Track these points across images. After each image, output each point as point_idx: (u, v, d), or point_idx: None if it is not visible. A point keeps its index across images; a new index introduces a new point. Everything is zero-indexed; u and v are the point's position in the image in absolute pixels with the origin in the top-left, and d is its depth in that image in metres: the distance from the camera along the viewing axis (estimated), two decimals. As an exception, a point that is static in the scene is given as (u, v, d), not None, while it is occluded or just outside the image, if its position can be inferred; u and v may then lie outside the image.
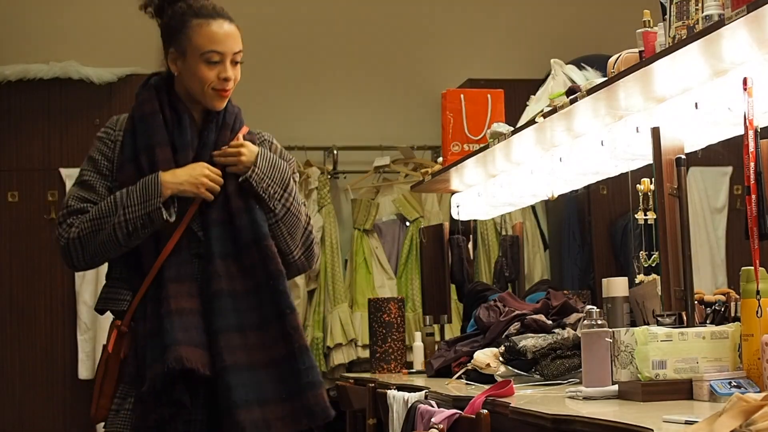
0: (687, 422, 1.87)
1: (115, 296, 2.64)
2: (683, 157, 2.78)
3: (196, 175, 2.62)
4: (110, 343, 2.60)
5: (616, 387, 2.50)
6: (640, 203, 3.08)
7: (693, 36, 2.42)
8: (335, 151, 5.97)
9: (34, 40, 5.81)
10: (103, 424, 2.62)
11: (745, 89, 2.35)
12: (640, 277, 3.18)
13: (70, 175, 5.37)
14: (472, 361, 3.41)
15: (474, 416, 2.64)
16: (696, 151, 2.94)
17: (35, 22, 5.87)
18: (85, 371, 5.33)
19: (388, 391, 3.61)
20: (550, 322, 3.45)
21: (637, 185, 3.12)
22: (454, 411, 2.79)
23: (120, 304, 2.62)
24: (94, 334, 5.29)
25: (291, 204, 2.70)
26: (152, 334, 2.53)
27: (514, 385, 2.83)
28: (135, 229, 2.56)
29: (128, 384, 2.59)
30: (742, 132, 2.35)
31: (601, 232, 5.06)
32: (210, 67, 2.64)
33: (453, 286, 4.76)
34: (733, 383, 2.28)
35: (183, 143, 2.66)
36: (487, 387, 2.90)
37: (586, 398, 2.55)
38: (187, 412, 2.51)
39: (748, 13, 2.18)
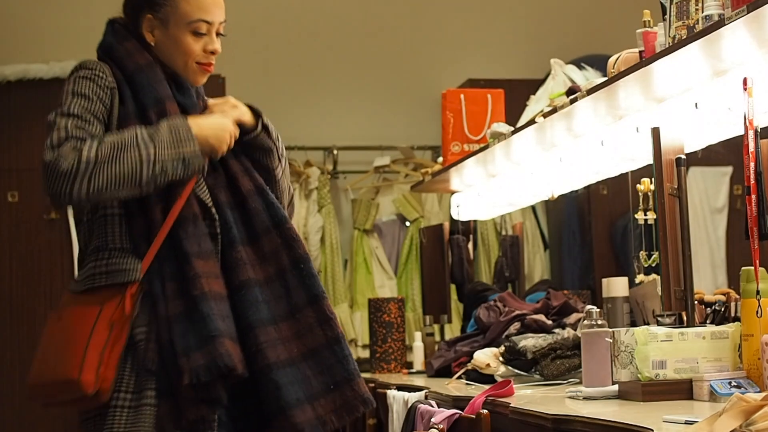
0: (687, 422, 1.87)
1: (121, 267, 2.25)
2: (683, 157, 2.78)
3: (223, 131, 2.31)
4: (126, 304, 2.20)
5: (616, 387, 2.50)
6: (640, 203, 3.08)
7: (693, 36, 2.42)
8: (335, 151, 5.97)
9: (34, 40, 5.80)
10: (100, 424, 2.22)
11: (745, 89, 2.35)
12: (640, 277, 3.18)
13: (70, 175, 5.37)
14: (472, 361, 3.41)
15: (474, 416, 2.63)
16: (696, 151, 2.94)
17: (35, 22, 5.86)
18: (85, 371, 5.32)
19: (388, 391, 3.61)
20: (550, 322, 3.45)
21: (637, 185, 3.12)
22: (454, 411, 2.78)
23: (130, 275, 2.24)
24: (94, 334, 5.29)
25: (284, 151, 2.49)
26: (182, 318, 2.19)
27: (514, 385, 2.83)
28: (163, 171, 2.19)
29: (148, 374, 2.20)
30: (742, 132, 2.35)
31: (601, 232, 5.06)
32: (196, 39, 2.36)
33: (453, 286, 4.76)
34: (733, 383, 2.28)
35: (191, 103, 2.39)
36: (487, 387, 2.90)
37: (586, 398, 2.55)
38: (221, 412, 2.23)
39: (748, 13, 2.18)
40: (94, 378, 2.15)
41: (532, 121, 3.50)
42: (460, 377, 3.51)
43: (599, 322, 2.64)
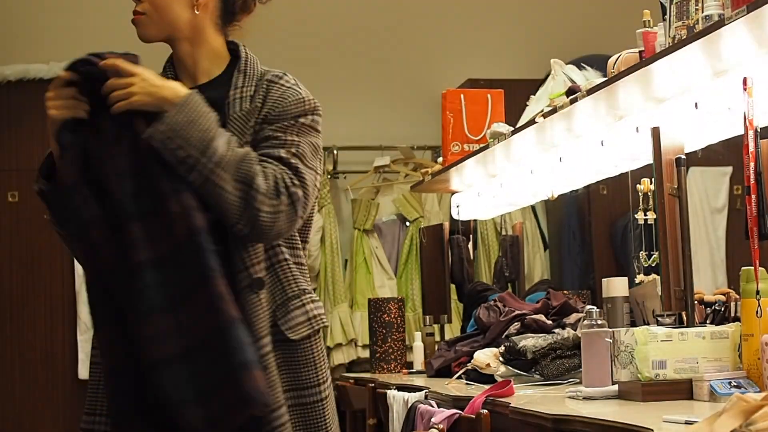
0: (687, 422, 1.87)
1: None
2: (683, 157, 2.78)
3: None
4: None
5: (616, 387, 2.50)
6: (640, 203, 3.08)
7: (693, 36, 2.42)
8: (335, 151, 5.98)
9: (34, 40, 5.80)
10: None
11: (745, 89, 2.35)
12: (640, 277, 3.18)
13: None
14: (472, 361, 3.41)
15: (474, 416, 2.64)
16: (696, 151, 2.94)
17: (35, 22, 5.86)
18: (84, 371, 5.33)
19: (388, 391, 3.61)
20: (550, 322, 3.45)
21: (637, 185, 3.12)
22: (454, 411, 2.79)
23: None
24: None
25: (212, 170, 2.01)
26: None
27: (514, 385, 2.83)
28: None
29: None
30: (742, 132, 2.35)
31: (601, 232, 5.06)
32: None
33: (453, 286, 4.76)
34: (733, 383, 2.28)
35: None
36: (487, 387, 2.90)
37: (586, 398, 2.55)
38: None
39: (748, 13, 2.18)
40: None
41: (532, 121, 3.50)
42: (460, 377, 3.51)
43: (599, 322, 2.64)
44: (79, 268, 5.41)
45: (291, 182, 2.09)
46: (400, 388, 3.65)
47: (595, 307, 2.67)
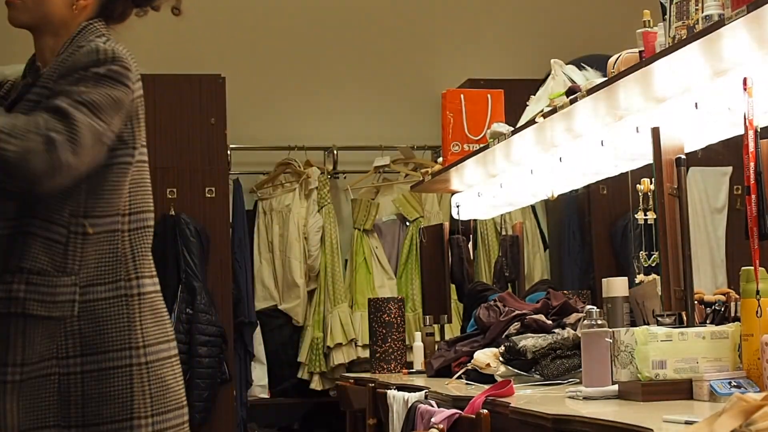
0: (687, 422, 1.87)
1: None
2: (683, 157, 2.78)
3: None
4: None
5: (616, 387, 2.50)
6: (640, 203, 3.08)
7: (693, 36, 2.42)
8: (335, 151, 5.98)
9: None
10: None
11: (745, 89, 2.35)
12: (640, 277, 3.19)
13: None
14: (472, 361, 3.41)
15: (474, 416, 2.64)
16: (696, 151, 2.94)
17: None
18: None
19: (388, 391, 3.61)
20: (550, 322, 3.45)
21: (637, 185, 3.12)
22: (454, 411, 2.79)
23: None
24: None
25: None
26: None
27: (514, 385, 2.83)
28: None
29: None
30: (742, 132, 2.35)
31: (601, 232, 5.06)
32: None
33: (453, 286, 4.76)
34: (733, 383, 2.28)
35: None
36: (487, 387, 2.90)
37: (586, 398, 2.55)
38: None
39: (748, 13, 2.18)
40: None
41: (532, 121, 3.50)
42: (460, 377, 3.51)
43: (599, 322, 2.64)
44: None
45: (46, 124, 1.96)
46: (400, 388, 3.65)
47: (595, 307, 2.67)
